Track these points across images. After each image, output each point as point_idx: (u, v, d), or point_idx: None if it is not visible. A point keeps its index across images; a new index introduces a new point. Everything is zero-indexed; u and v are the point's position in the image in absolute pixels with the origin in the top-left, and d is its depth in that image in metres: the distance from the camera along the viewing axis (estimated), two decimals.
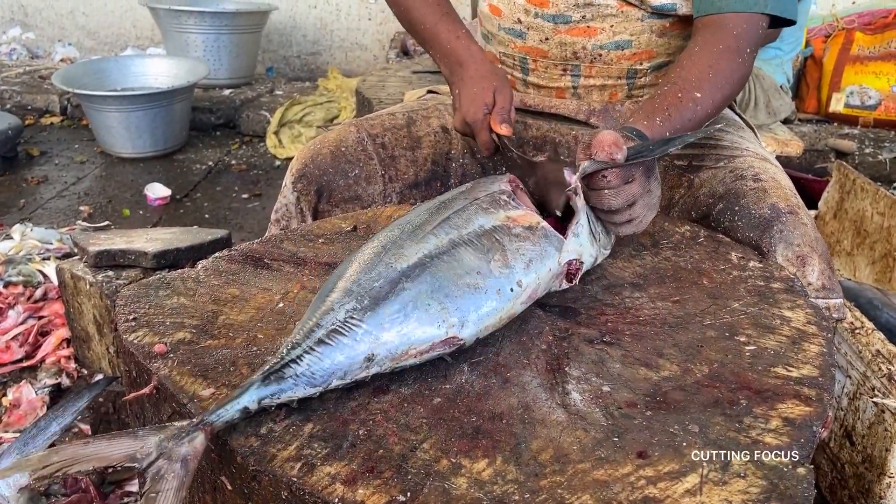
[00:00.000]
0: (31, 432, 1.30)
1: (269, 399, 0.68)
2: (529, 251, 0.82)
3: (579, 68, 1.25)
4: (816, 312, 0.88)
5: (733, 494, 0.61)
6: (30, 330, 1.83)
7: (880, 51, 3.36)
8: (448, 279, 0.76)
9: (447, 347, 0.75)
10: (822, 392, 0.73)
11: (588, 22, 1.19)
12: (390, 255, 0.78)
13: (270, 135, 3.54)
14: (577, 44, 1.22)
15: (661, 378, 0.76)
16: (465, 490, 0.61)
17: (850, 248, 2.14)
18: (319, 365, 0.69)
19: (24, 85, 4.00)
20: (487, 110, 1.11)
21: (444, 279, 0.76)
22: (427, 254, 0.78)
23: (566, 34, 1.21)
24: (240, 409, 0.66)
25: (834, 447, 1.37)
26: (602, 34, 1.20)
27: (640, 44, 1.21)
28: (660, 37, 1.21)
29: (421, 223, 0.82)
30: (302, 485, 0.61)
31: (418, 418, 0.69)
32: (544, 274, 0.83)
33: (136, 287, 0.89)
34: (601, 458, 0.65)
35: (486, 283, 0.77)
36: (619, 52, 1.21)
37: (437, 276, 0.76)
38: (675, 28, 1.20)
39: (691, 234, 1.06)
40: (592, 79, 1.26)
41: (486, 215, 0.84)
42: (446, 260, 0.78)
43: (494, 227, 0.83)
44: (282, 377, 0.68)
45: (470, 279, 0.77)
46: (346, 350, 0.70)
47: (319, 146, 1.22)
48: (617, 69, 1.24)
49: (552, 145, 1.30)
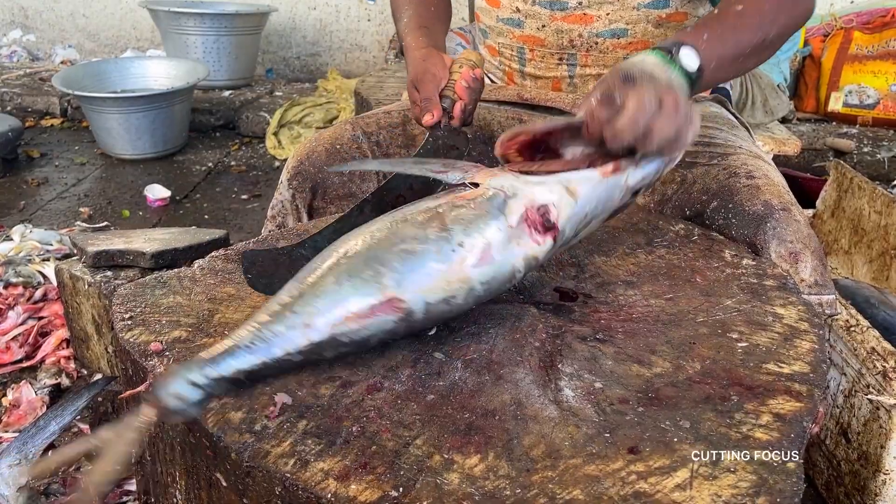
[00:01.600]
0: (29, 432, 1.30)
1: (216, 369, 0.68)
2: (469, 214, 0.78)
3: (576, 57, 1.26)
4: (809, 309, 0.88)
5: (723, 489, 0.61)
6: (29, 330, 1.84)
7: (879, 50, 3.36)
8: (383, 249, 0.75)
9: (393, 313, 0.73)
10: (813, 388, 0.74)
11: (584, 9, 1.21)
12: (338, 244, 0.78)
13: (270, 136, 3.55)
14: (574, 31, 1.24)
15: (653, 374, 0.77)
16: (457, 485, 0.62)
17: (848, 247, 2.15)
18: (264, 346, 0.70)
19: (24, 87, 4.01)
20: (416, 102, 1.14)
21: (379, 249, 0.75)
22: (369, 236, 0.77)
23: (562, 21, 1.23)
24: (187, 381, 0.66)
25: (830, 444, 1.37)
26: (598, 21, 1.22)
27: (636, 33, 1.23)
28: (656, 27, 1.23)
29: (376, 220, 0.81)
30: (295, 480, 0.62)
31: (412, 415, 0.70)
32: (492, 233, 0.77)
33: (133, 286, 0.90)
34: (592, 454, 0.65)
35: (423, 247, 0.75)
36: (614, 41, 1.23)
37: (373, 248, 0.75)
38: (672, 20, 1.22)
39: (685, 233, 1.07)
40: (588, 68, 1.27)
41: (434, 200, 0.82)
42: (386, 236, 0.76)
43: (438, 205, 0.80)
44: (230, 354, 0.69)
45: (405, 245, 0.75)
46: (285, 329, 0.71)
47: (315, 144, 1.24)
48: (613, 58, 1.25)
49: None
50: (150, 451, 0.82)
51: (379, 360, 0.78)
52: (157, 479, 0.82)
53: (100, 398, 1.40)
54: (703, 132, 1.24)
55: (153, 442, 0.80)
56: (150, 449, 0.81)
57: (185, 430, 0.71)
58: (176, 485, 0.77)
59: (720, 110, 1.36)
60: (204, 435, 0.68)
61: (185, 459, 0.74)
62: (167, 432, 0.75)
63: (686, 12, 1.23)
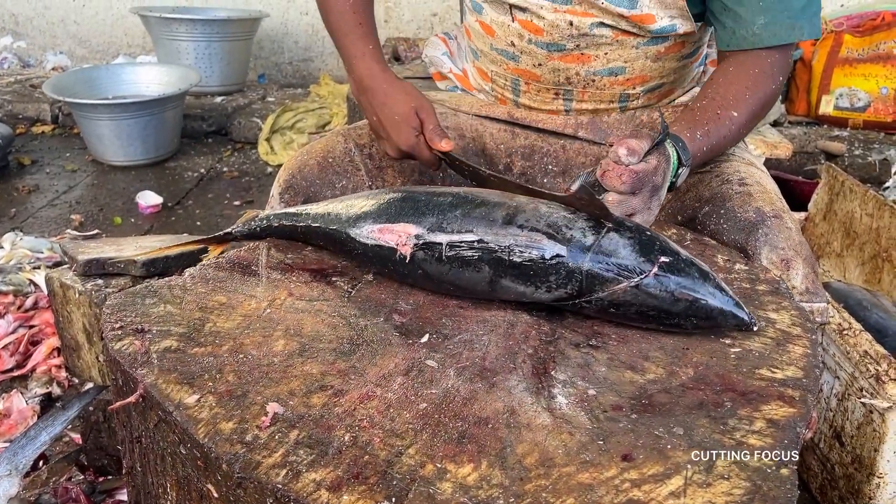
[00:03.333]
0: (20, 442, 1.29)
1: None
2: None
3: (572, 93, 1.25)
4: (801, 314, 0.88)
5: (717, 496, 0.61)
6: (20, 339, 1.83)
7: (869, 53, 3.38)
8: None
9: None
10: (807, 393, 0.74)
11: (582, 50, 1.18)
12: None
13: (262, 142, 3.54)
14: (571, 70, 1.21)
15: (646, 381, 0.76)
16: (450, 495, 0.61)
17: (840, 250, 2.15)
18: None
19: (15, 94, 4.00)
20: (417, 132, 1.11)
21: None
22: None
23: (559, 61, 1.20)
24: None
25: (824, 448, 1.38)
26: (596, 61, 1.19)
27: (633, 70, 1.21)
28: (654, 62, 1.20)
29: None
30: (287, 491, 0.61)
31: (404, 424, 0.70)
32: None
33: (123, 296, 0.89)
34: (586, 462, 0.65)
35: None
36: (612, 78, 1.21)
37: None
38: (670, 51, 1.20)
39: (678, 238, 1.07)
40: (585, 103, 1.26)
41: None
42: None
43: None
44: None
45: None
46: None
47: (307, 157, 1.22)
48: (609, 94, 1.24)
49: (540, 154, 1.31)
50: (140, 462, 0.81)
51: (371, 369, 0.77)
52: (148, 490, 0.81)
53: (91, 407, 1.39)
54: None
55: (144, 453, 0.79)
56: (140, 460, 0.81)
57: (176, 441, 0.71)
58: (167, 496, 0.77)
59: None
60: (195, 445, 0.68)
61: (176, 471, 0.73)
62: (158, 443, 0.75)
63: (683, 42, 1.20)
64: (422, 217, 0.89)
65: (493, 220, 0.85)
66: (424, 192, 0.93)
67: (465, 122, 1.33)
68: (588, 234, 0.81)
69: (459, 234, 0.85)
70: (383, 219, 0.92)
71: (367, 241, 0.93)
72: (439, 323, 0.87)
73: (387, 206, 0.93)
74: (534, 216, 0.84)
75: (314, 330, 0.84)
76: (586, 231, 0.82)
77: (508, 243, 0.83)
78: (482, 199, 0.89)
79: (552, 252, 0.81)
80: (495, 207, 0.87)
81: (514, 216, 0.85)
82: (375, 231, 0.92)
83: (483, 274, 0.85)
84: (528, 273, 0.83)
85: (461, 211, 0.87)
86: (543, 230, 0.82)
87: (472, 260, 0.85)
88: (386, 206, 0.93)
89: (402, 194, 0.94)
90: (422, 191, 0.94)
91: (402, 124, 1.12)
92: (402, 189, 0.97)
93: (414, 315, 0.88)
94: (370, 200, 0.96)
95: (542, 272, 0.82)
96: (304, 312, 0.88)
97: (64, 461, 1.40)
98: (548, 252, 0.81)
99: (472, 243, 0.85)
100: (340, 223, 0.96)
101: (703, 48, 1.30)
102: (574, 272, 0.80)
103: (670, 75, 1.25)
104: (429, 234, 0.87)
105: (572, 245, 0.81)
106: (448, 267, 0.87)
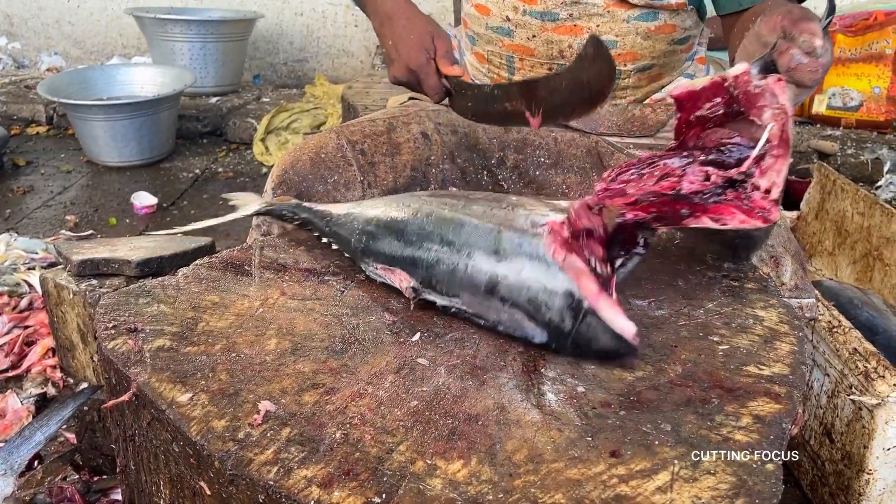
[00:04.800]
0: (15, 442, 1.29)
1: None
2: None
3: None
4: (789, 311, 0.89)
5: (703, 491, 0.62)
6: (15, 340, 1.83)
7: (862, 53, 3.39)
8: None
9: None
10: (793, 389, 0.75)
11: (575, 20, 1.22)
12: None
13: (257, 142, 3.55)
14: (564, 42, 1.25)
15: (635, 378, 0.77)
16: (440, 491, 0.62)
17: (832, 248, 2.16)
18: None
19: (9, 95, 3.99)
20: (430, 55, 1.11)
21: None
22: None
23: (553, 32, 1.24)
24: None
25: (814, 445, 1.39)
26: (587, 33, 1.22)
27: (624, 45, 1.24)
28: (644, 39, 1.24)
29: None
30: (279, 488, 0.62)
31: (395, 421, 0.70)
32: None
33: (116, 295, 0.90)
34: (574, 458, 0.66)
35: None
36: None
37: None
38: (661, 32, 1.23)
39: (668, 236, 1.08)
40: None
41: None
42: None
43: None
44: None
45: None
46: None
47: (299, 153, 1.24)
48: None
49: (532, 147, 1.32)
50: (134, 461, 0.81)
51: (363, 367, 0.78)
52: (141, 489, 0.82)
53: (86, 407, 1.40)
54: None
55: (137, 451, 0.80)
56: (134, 458, 0.81)
57: (168, 439, 0.71)
58: (160, 494, 0.77)
59: None
60: (187, 443, 0.68)
61: (169, 468, 0.74)
62: (151, 441, 0.75)
63: (675, 24, 1.25)
64: (414, 264, 0.89)
65: (476, 284, 0.83)
66: (419, 219, 0.91)
67: (457, 117, 1.35)
68: (566, 318, 0.78)
69: (449, 299, 0.86)
70: (382, 257, 0.93)
71: (374, 276, 0.95)
72: (430, 322, 0.87)
73: (387, 238, 0.93)
74: (515, 286, 0.80)
75: (306, 329, 0.85)
76: (564, 313, 0.78)
77: (493, 319, 0.83)
78: (468, 251, 0.85)
79: (533, 337, 0.81)
80: (479, 262, 0.83)
81: (495, 285, 0.82)
82: (380, 270, 0.94)
83: (480, 327, 0.86)
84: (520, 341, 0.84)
85: (446, 268, 0.85)
86: (524, 307, 0.80)
87: (467, 319, 0.86)
88: (387, 238, 0.93)
89: (401, 216, 0.94)
90: (416, 211, 0.93)
91: (416, 45, 1.12)
92: (404, 206, 0.95)
93: (405, 314, 0.89)
94: (376, 227, 0.96)
95: (530, 344, 0.82)
96: (296, 311, 0.88)
97: (59, 461, 1.41)
98: (529, 337, 0.81)
99: (462, 310, 0.85)
100: (352, 251, 0.99)
101: (693, 40, 1.33)
102: (560, 351, 0.81)
103: (661, 58, 1.28)
104: (424, 290, 0.88)
105: (551, 329, 0.79)
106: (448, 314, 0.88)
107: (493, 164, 1.33)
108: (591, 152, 1.30)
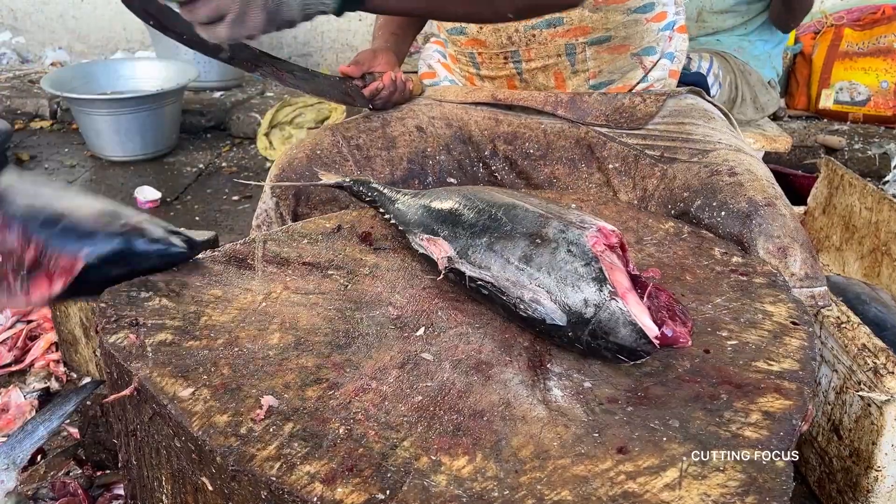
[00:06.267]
0: (17, 436, 1.29)
1: None
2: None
3: (518, 53, 1.28)
4: (798, 307, 0.88)
5: (712, 488, 0.61)
6: (18, 334, 1.83)
7: (869, 47, 3.36)
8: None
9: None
10: (803, 385, 0.74)
11: None
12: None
13: (261, 137, 3.54)
14: (510, 27, 1.24)
15: (642, 374, 0.76)
16: (445, 487, 0.61)
17: (839, 244, 2.15)
18: None
19: (13, 89, 3.99)
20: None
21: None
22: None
23: None
24: None
25: (822, 441, 1.37)
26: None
27: (571, 20, 1.23)
28: (593, 12, 1.22)
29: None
30: (281, 484, 0.61)
31: (399, 416, 0.69)
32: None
33: (118, 289, 0.89)
34: (581, 454, 0.65)
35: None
36: (552, 31, 1.23)
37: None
38: (611, 2, 1.21)
39: (675, 231, 1.06)
40: (533, 61, 1.28)
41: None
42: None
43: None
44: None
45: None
46: None
47: (296, 151, 1.25)
48: (554, 47, 1.26)
49: (522, 140, 1.32)
50: (136, 456, 0.81)
51: (366, 362, 0.77)
52: (143, 484, 0.81)
53: (88, 402, 1.39)
54: (679, 127, 1.24)
55: (139, 447, 0.79)
56: (136, 453, 0.80)
57: (170, 434, 0.71)
58: (162, 489, 0.77)
59: (696, 101, 1.35)
60: (189, 439, 0.68)
61: (170, 464, 0.73)
62: (153, 436, 0.75)
63: None
64: (457, 235, 0.89)
65: (509, 258, 0.82)
66: (474, 200, 0.92)
67: (450, 112, 1.36)
68: (590, 305, 0.76)
69: (479, 270, 0.84)
70: (431, 229, 0.93)
71: (418, 248, 0.95)
72: (435, 316, 0.86)
73: (443, 212, 0.94)
74: (547, 264, 0.79)
75: (310, 323, 0.84)
76: (589, 299, 0.76)
77: (515, 295, 0.80)
78: (511, 227, 0.85)
79: (552, 320, 0.78)
80: (518, 239, 0.83)
81: (528, 260, 0.80)
82: (425, 241, 0.93)
83: (498, 310, 0.85)
84: (534, 327, 0.81)
85: (487, 239, 0.85)
86: (550, 286, 0.78)
87: (488, 296, 0.84)
88: (443, 212, 0.94)
89: (459, 198, 0.95)
90: (473, 195, 0.94)
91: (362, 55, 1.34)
92: (465, 191, 0.97)
93: (410, 308, 0.88)
94: (434, 200, 0.98)
95: (545, 331, 0.80)
96: (299, 306, 0.87)
97: (62, 455, 1.40)
98: (548, 318, 0.78)
99: (487, 284, 0.83)
100: (406, 223, 1.00)
101: (663, 8, 1.29)
102: (574, 341, 0.78)
103: (619, 29, 1.25)
104: (458, 260, 0.87)
105: (572, 313, 0.77)
106: (473, 292, 0.87)
107: (486, 155, 1.34)
108: (581, 143, 1.29)
